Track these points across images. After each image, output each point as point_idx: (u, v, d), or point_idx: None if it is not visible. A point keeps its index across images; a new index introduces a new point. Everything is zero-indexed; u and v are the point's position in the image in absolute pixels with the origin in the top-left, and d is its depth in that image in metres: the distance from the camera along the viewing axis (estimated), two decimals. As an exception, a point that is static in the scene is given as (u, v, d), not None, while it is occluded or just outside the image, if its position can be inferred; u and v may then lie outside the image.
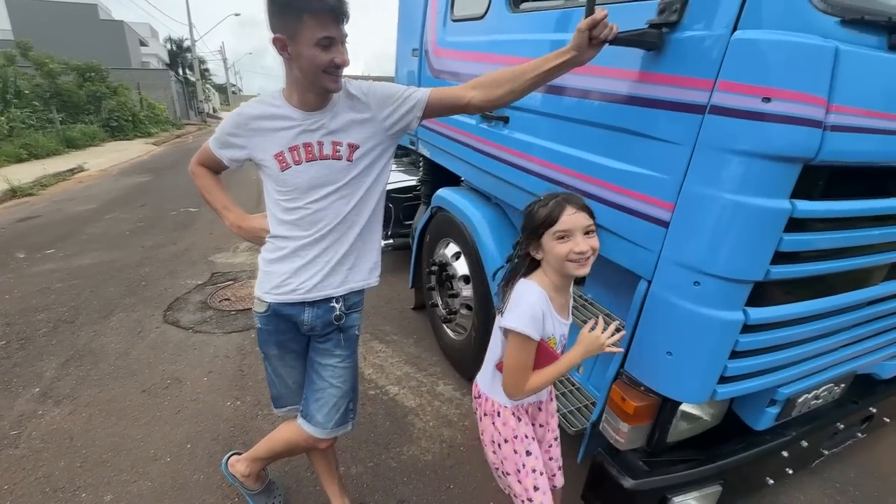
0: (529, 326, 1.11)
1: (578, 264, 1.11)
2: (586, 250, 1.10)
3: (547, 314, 1.15)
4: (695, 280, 1.22)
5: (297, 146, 1.28)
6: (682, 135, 1.20)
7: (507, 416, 1.29)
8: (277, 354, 1.49)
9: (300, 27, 1.11)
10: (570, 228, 1.10)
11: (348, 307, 1.46)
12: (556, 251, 1.10)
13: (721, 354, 1.29)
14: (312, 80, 1.20)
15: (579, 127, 1.59)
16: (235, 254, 4.74)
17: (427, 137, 2.98)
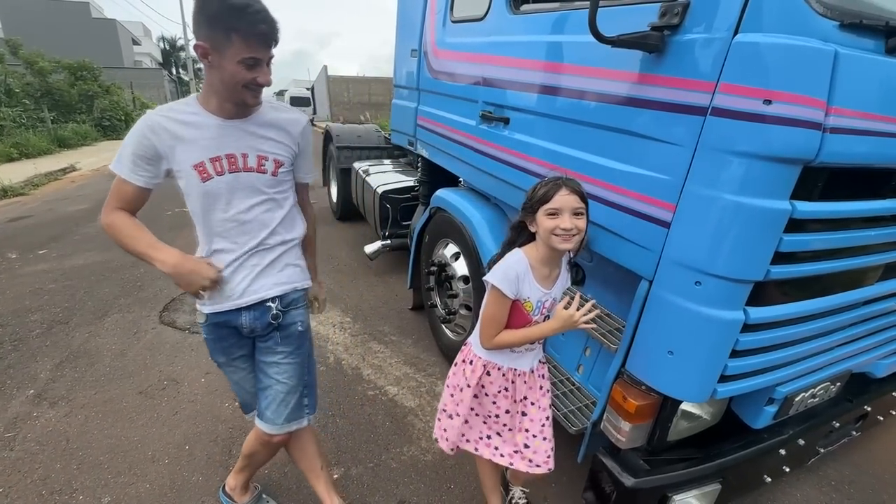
0: (502, 282, 1.28)
1: (562, 238, 1.24)
2: (570, 227, 1.23)
3: (523, 277, 1.30)
4: (696, 280, 1.24)
5: (220, 157, 1.26)
6: (683, 136, 1.22)
7: (479, 366, 1.45)
8: (226, 362, 1.50)
9: (227, 44, 1.12)
10: (560, 207, 1.23)
11: (286, 305, 1.46)
12: (546, 225, 1.25)
13: (722, 353, 1.30)
14: (231, 92, 1.21)
15: (580, 128, 1.60)
16: (231, 254, 4.71)
17: (425, 138, 2.99)
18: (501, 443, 1.54)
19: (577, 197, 1.26)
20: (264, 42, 1.16)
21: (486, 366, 1.45)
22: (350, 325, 3.32)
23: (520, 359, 1.45)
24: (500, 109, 2.07)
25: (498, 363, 1.44)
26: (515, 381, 1.47)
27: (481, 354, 1.45)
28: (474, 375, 1.46)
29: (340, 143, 5.50)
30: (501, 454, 1.54)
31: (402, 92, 3.40)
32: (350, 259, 4.68)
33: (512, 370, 1.46)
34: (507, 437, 1.54)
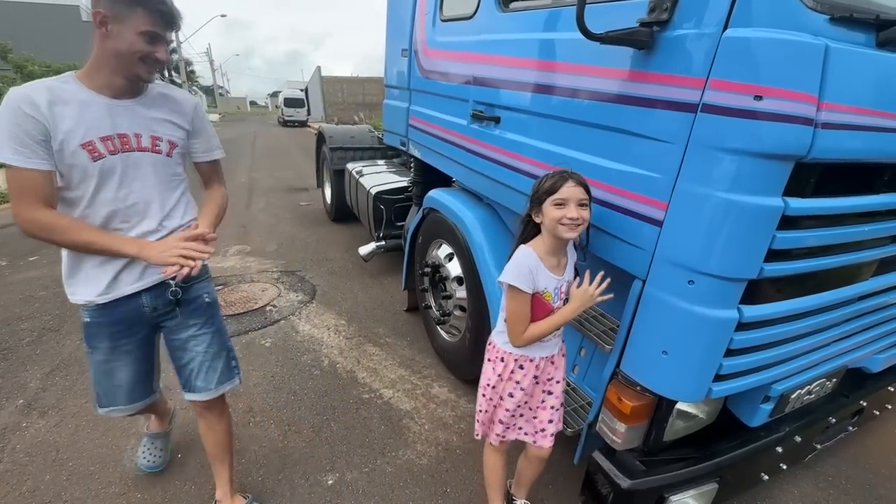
0: (517, 279, 1.31)
1: (568, 228, 1.29)
2: (577, 217, 1.28)
3: (536, 270, 1.33)
4: (689, 279, 1.22)
5: (112, 136, 1.24)
6: (674, 133, 1.20)
7: (510, 361, 1.46)
8: (109, 348, 1.46)
9: (130, 14, 1.14)
10: (567, 198, 1.28)
11: (185, 281, 1.45)
12: (553, 214, 1.29)
13: (716, 353, 1.29)
14: (126, 65, 1.20)
15: (571, 126, 1.58)
16: (225, 258, 4.68)
17: (417, 138, 2.96)
18: (525, 423, 1.58)
19: (583, 188, 1.31)
20: (167, 21, 1.20)
21: (518, 360, 1.46)
22: (345, 328, 3.30)
23: (547, 345, 1.48)
24: (491, 108, 2.05)
25: (530, 356, 1.46)
26: (544, 366, 1.49)
27: (512, 350, 1.45)
28: (506, 371, 1.47)
29: (333, 144, 5.47)
30: (525, 433, 1.59)
31: (393, 92, 3.37)
32: (345, 261, 4.65)
33: (543, 358, 1.48)
34: (530, 417, 1.57)
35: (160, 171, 1.35)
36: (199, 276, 1.53)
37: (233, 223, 5.92)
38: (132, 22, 1.14)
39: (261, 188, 8.24)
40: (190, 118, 1.42)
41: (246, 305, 3.60)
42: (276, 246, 5.07)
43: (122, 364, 1.51)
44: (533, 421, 1.57)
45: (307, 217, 6.32)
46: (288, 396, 2.52)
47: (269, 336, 3.16)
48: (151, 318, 1.48)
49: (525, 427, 1.58)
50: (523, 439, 1.60)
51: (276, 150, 14.37)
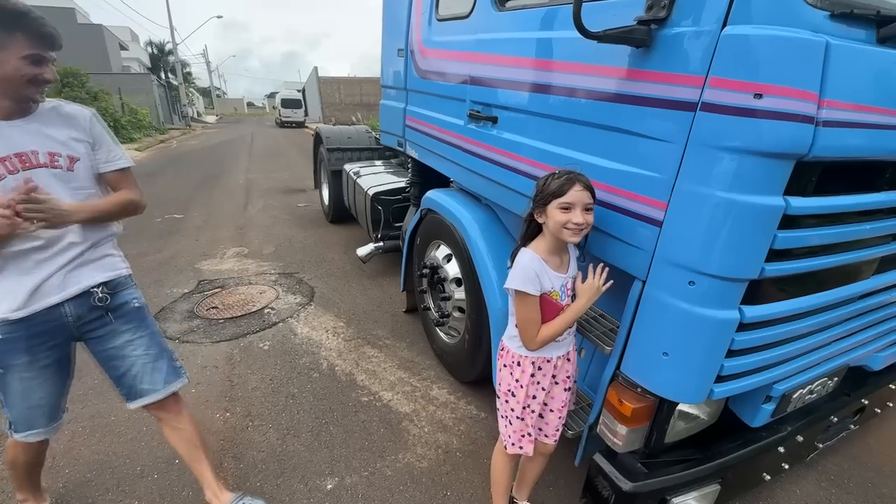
0: (525, 284, 1.31)
1: (572, 232, 1.29)
2: (582, 223, 1.27)
3: (541, 272, 1.33)
4: (689, 280, 1.21)
5: (8, 157, 1.26)
6: (673, 132, 1.19)
7: (527, 364, 1.44)
8: (26, 363, 1.40)
9: (11, 39, 1.16)
10: (573, 202, 1.27)
11: (113, 288, 1.49)
12: (557, 218, 1.28)
13: (717, 354, 1.27)
14: (14, 88, 1.22)
15: (569, 126, 1.57)
16: (223, 260, 4.66)
17: (414, 139, 2.95)
18: (544, 424, 1.58)
19: (589, 193, 1.30)
20: (48, 42, 1.23)
21: (535, 362, 1.45)
22: (343, 330, 3.28)
23: (562, 343, 1.47)
24: (488, 108, 2.04)
25: (546, 356, 1.45)
26: (561, 364, 1.49)
27: (528, 354, 1.44)
28: (525, 375, 1.45)
29: (331, 144, 5.45)
30: (529, 434, 1.53)
31: (389, 92, 3.36)
32: (343, 262, 4.63)
33: (560, 357, 1.48)
34: (535, 419, 1.53)
35: (64, 186, 1.35)
36: (125, 284, 1.54)
37: (230, 225, 5.91)
38: (14, 48, 1.16)
39: (258, 189, 8.21)
40: (87, 130, 1.41)
41: (244, 308, 3.59)
42: (273, 248, 5.05)
43: (41, 381, 1.45)
44: (537, 423, 1.55)
45: (305, 218, 6.30)
46: (286, 400, 2.50)
47: (267, 339, 3.14)
48: (75, 329, 1.45)
49: (542, 426, 1.59)
50: (526, 445, 1.55)
51: (274, 152, 14.35)
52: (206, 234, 5.50)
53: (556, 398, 1.54)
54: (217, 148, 15.67)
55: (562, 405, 1.55)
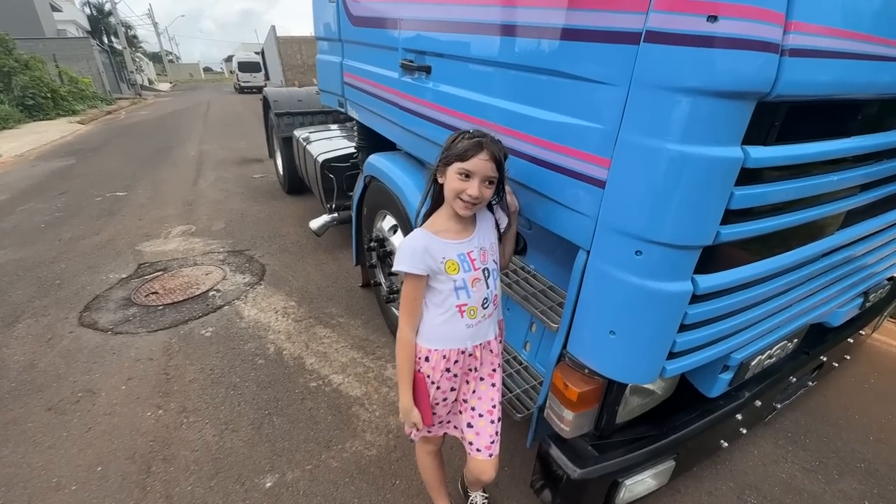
0: (410, 264, 1.14)
1: (464, 205, 1.12)
2: (477, 196, 1.10)
3: (432, 246, 1.16)
4: (636, 249, 1.04)
5: None
6: (614, 72, 0.98)
7: (436, 358, 1.24)
8: None
9: None
10: (473, 170, 1.09)
11: None
12: (453, 184, 1.11)
13: (669, 330, 1.13)
14: None
15: (503, 72, 1.34)
16: (167, 240, 4.32)
17: (353, 97, 2.65)
18: (452, 416, 1.40)
19: (494, 165, 1.10)
20: None
21: (448, 355, 1.24)
22: (294, 310, 3.07)
23: (479, 329, 1.25)
24: (421, 56, 1.77)
25: (460, 346, 1.24)
26: (463, 360, 1.27)
27: (429, 346, 1.24)
28: (437, 371, 1.25)
29: (279, 109, 5.03)
30: (455, 426, 1.41)
31: (324, 45, 3.00)
32: (298, 236, 4.36)
33: (477, 345, 1.27)
34: (457, 410, 1.38)
35: None
36: None
37: (178, 201, 5.50)
38: None
39: (211, 161, 7.68)
40: None
41: (186, 292, 3.32)
42: (223, 224, 4.71)
43: None
44: (465, 413, 1.36)
45: (260, 191, 5.92)
46: (227, 391, 2.31)
47: (210, 324, 2.91)
48: None
49: (454, 420, 1.40)
50: (453, 433, 1.43)
51: (231, 120, 13.48)
52: (150, 213, 5.10)
53: (483, 397, 1.32)
54: (169, 118, 14.62)
55: (491, 406, 1.32)
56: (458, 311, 1.20)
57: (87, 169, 7.44)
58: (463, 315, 1.21)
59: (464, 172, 1.08)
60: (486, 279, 1.23)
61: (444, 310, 1.20)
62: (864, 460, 1.93)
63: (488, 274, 1.24)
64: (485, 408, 1.33)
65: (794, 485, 1.81)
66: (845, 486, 1.82)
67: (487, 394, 1.33)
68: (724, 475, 1.85)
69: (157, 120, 14.05)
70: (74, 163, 7.94)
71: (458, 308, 1.20)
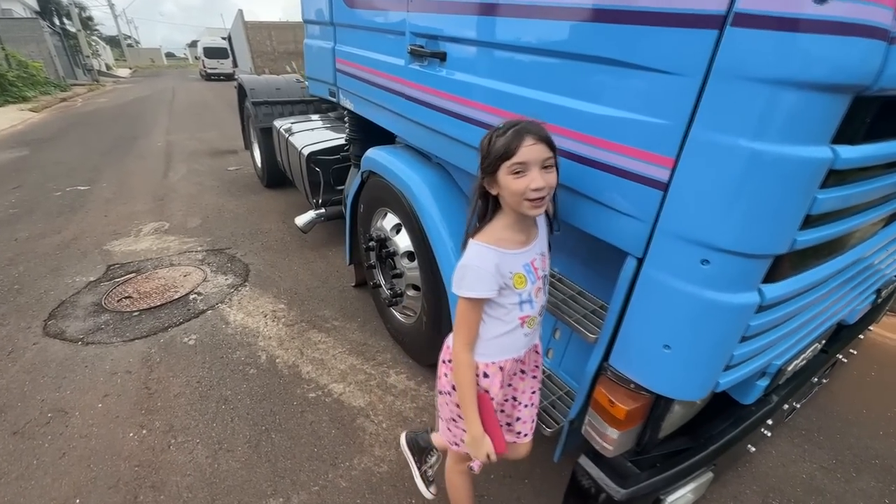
0: (479, 289, 1.05)
1: (533, 204, 0.99)
2: (543, 186, 0.96)
3: (501, 262, 1.05)
4: (702, 258, 0.94)
5: None
6: (688, 61, 0.87)
7: (495, 371, 1.17)
8: None
9: None
10: (527, 160, 0.96)
11: None
12: (512, 187, 0.98)
13: (730, 344, 1.05)
14: None
15: (539, 59, 1.21)
16: (138, 238, 4.02)
17: (348, 86, 2.46)
18: None
19: (545, 146, 0.97)
20: None
21: (480, 366, 1.16)
22: (284, 313, 2.89)
23: (518, 343, 1.17)
24: (434, 42, 1.62)
25: (493, 360, 1.16)
26: (510, 367, 1.20)
27: (481, 359, 1.16)
28: (493, 385, 1.18)
29: (256, 97, 4.75)
30: None
31: (314, 29, 2.78)
32: (282, 233, 4.14)
33: (512, 359, 1.19)
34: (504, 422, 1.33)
35: None
36: None
37: (147, 196, 5.15)
38: None
39: (181, 153, 7.26)
40: None
41: (164, 296, 3.08)
42: (200, 220, 4.43)
43: None
44: (518, 410, 1.31)
45: (237, 184, 5.61)
46: (218, 406, 2.13)
47: (192, 331, 2.70)
48: None
49: (510, 422, 1.34)
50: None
51: (199, 108, 12.83)
52: (117, 209, 4.75)
53: (525, 389, 1.28)
54: (131, 105, 13.80)
55: (531, 392, 1.30)
56: (520, 323, 1.13)
57: (42, 161, 6.90)
58: (523, 325, 1.14)
59: (517, 168, 0.96)
60: (545, 286, 1.17)
61: (505, 322, 1.12)
62: (878, 456, 1.93)
63: (547, 281, 1.18)
64: (526, 398, 1.30)
65: (816, 485, 1.80)
66: (864, 484, 1.81)
67: (528, 385, 1.28)
68: (746, 479, 1.82)
69: (119, 108, 13.24)
70: (28, 154, 7.36)
71: (520, 320, 1.12)
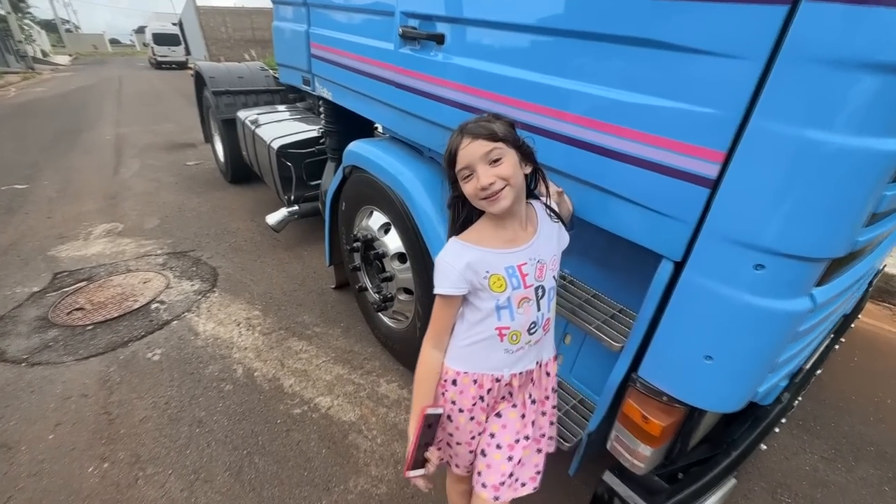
0: (450, 286, 0.98)
1: (490, 202, 0.92)
2: (488, 183, 0.89)
3: (474, 260, 0.97)
4: (756, 262, 0.85)
5: None
6: (747, 41, 0.76)
7: (466, 383, 1.06)
8: None
9: None
10: (468, 163, 0.91)
11: None
12: (468, 190, 0.94)
13: (778, 351, 0.97)
14: None
15: (560, 41, 1.08)
16: (88, 242, 3.65)
17: (325, 73, 2.26)
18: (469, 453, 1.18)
19: (483, 139, 0.90)
20: None
21: (479, 380, 1.06)
22: (260, 321, 2.67)
23: (527, 353, 1.07)
24: (429, 23, 1.47)
25: (466, 370, 1.06)
26: (497, 389, 1.09)
27: (459, 368, 1.06)
28: (465, 397, 1.07)
29: (217, 86, 4.40)
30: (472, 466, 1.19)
31: (284, 10, 2.55)
32: (251, 232, 3.86)
33: (489, 377, 1.06)
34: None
35: None
36: None
37: (96, 194, 4.71)
38: None
39: (134, 146, 6.72)
40: None
41: (122, 306, 2.79)
42: (158, 220, 4.08)
43: None
44: (482, 438, 1.13)
45: (197, 180, 5.23)
46: (191, 430, 1.92)
47: (157, 345, 2.45)
48: None
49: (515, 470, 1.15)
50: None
51: (151, 98, 12.00)
52: (62, 209, 4.31)
53: (508, 427, 1.11)
54: (74, 95, 12.74)
55: (514, 440, 1.10)
56: (498, 334, 1.01)
57: (-30, 157, 6.22)
58: (503, 339, 1.02)
59: (465, 172, 0.92)
60: (538, 299, 1.02)
61: (481, 329, 1.02)
62: (873, 443, 1.97)
63: (542, 293, 1.02)
64: (505, 440, 1.10)
65: (819, 477, 1.80)
66: (863, 472, 1.83)
67: (513, 425, 1.11)
68: (754, 475, 1.80)
69: (59, 98, 12.20)
70: (-46, 149, 6.62)
71: (497, 331, 1.01)
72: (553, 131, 1.12)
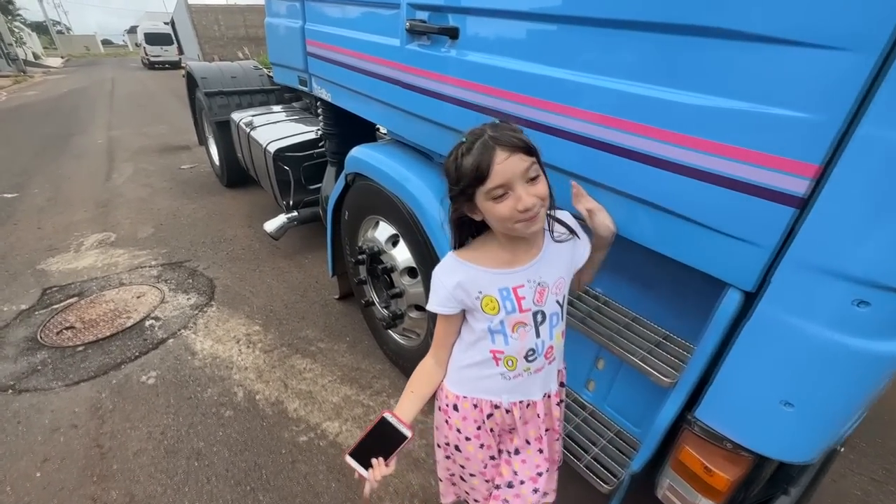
0: (440, 305, 0.93)
1: (526, 224, 0.81)
2: (534, 204, 0.78)
3: (466, 280, 0.89)
4: (859, 298, 0.70)
5: None
6: (853, 31, 0.61)
7: (467, 407, 1.01)
8: None
9: None
10: (504, 182, 0.77)
11: None
12: (496, 213, 0.80)
13: (870, 396, 0.82)
14: None
15: (604, 33, 0.93)
16: (79, 254, 3.50)
17: (323, 72, 2.10)
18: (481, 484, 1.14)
19: (522, 153, 0.77)
20: None
21: (479, 405, 1.01)
22: (261, 337, 2.53)
23: (526, 381, 0.98)
24: (441, 15, 1.31)
25: (464, 394, 1.01)
26: (500, 416, 1.03)
27: (459, 392, 1.01)
28: (468, 422, 1.02)
29: (209, 87, 4.23)
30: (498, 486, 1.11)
31: (277, 6, 2.37)
32: (249, 240, 3.71)
33: (489, 402, 1.01)
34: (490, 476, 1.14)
35: None
36: None
37: (87, 202, 4.55)
38: None
39: (126, 150, 6.55)
40: None
41: (114, 324, 2.64)
42: (152, 229, 3.93)
43: None
44: (506, 468, 1.09)
45: (192, 185, 5.06)
46: (189, 463, 1.78)
47: (151, 367, 2.30)
48: None
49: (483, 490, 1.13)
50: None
51: (144, 100, 11.79)
52: (52, 219, 4.16)
53: (528, 462, 1.07)
54: (66, 98, 12.53)
55: (536, 473, 1.06)
56: (493, 358, 0.95)
57: (-40, 165, 6.05)
58: (498, 364, 0.95)
59: (496, 192, 0.77)
60: (537, 325, 0.92)
61: (476, 351, 0.97)
62: (924, 461, 1.83)
63: (542, 319, 0.92)
64: (527, 474, 1.07)
65: (872, 503, 1.66)
66: (917, 495, 1.70)
67: (533, 460, 1.07)
68: (800, 501, 1.66)
69: (51, 101, 12.00)
70: (-59, 158, 6.44)
71: (491, 354, 0.94)
72: (600, 140, 0.97)
